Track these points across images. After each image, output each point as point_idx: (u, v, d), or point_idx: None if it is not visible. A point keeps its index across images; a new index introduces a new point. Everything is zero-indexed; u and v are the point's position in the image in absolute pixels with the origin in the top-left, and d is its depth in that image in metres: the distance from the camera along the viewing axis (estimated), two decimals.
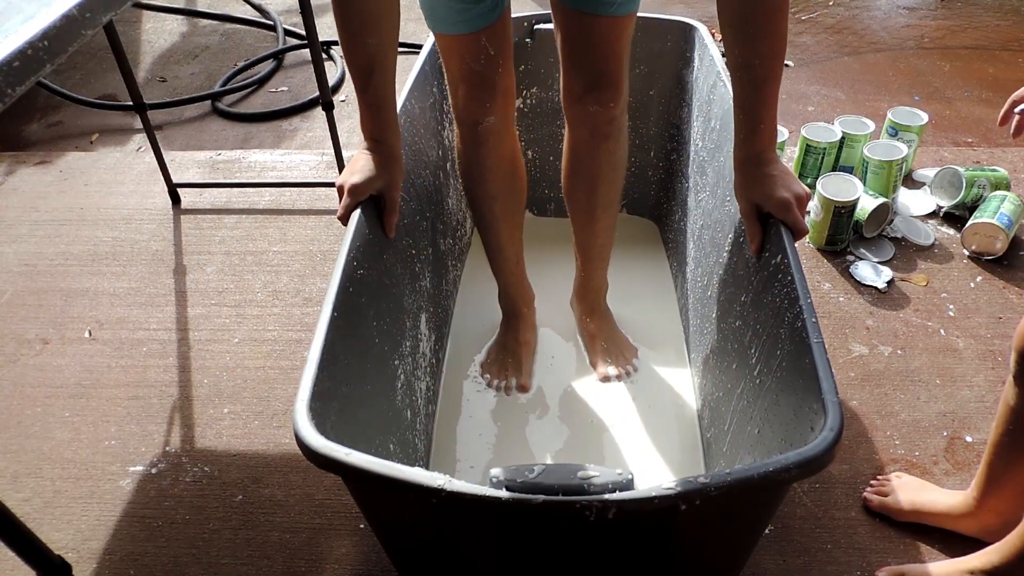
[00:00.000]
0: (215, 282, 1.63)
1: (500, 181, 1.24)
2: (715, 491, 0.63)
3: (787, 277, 0.88)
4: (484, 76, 1.13)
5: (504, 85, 1.16)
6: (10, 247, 1.76)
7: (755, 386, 0.96)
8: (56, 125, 2.29)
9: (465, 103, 1.16)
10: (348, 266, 0.93)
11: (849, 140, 1.74)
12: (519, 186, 1.29)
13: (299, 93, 2.38)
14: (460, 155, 1.24)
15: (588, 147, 1.20)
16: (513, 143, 1.24)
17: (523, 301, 1.41)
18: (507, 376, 1.35)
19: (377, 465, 0.66)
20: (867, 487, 1.16)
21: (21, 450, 1.30)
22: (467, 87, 1.14)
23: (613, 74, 1.13)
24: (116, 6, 0.85)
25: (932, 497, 1.11)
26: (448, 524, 0.75)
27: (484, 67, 1.11)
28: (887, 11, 2.73)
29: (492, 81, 1.14)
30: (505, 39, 1.13)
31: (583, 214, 1.29)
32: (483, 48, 1.09)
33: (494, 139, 1.19)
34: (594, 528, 0.65)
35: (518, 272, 1.37)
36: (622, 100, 1.16)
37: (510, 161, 1.25)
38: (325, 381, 0.79)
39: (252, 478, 1.23)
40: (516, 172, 1.27)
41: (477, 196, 1.27)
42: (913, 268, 1.57)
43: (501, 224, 1.29)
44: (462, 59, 1.11)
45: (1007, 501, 1.02)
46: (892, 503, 1.12)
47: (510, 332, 1.40)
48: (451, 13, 1.06)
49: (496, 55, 1.11)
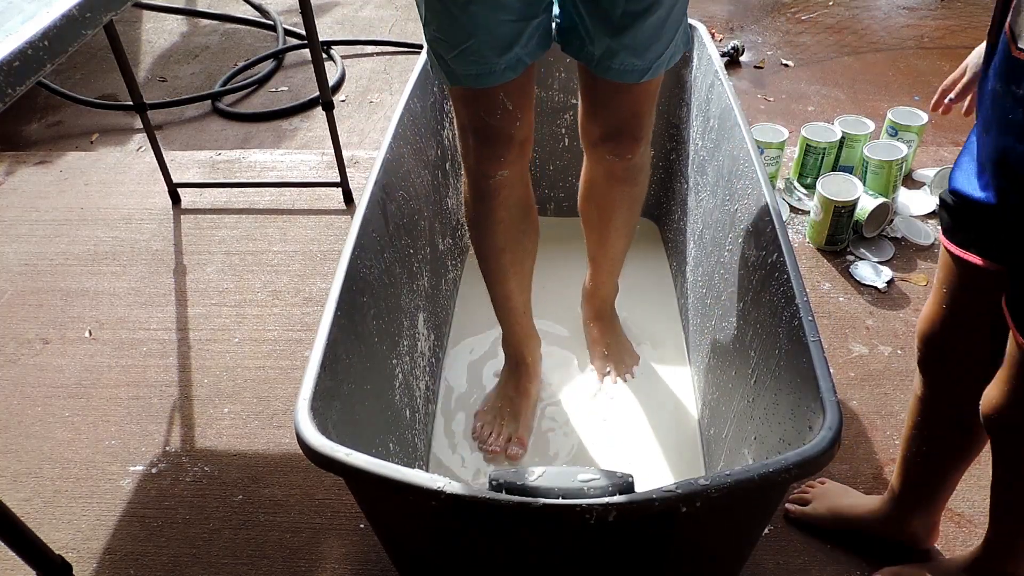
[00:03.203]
0: (215, 282, 1.63)
1: (510, 234, 1.12)
2: (715, 493, 0.64)
3: (783, 275, 0.88)
4: (499, 129, 0.99)
5: (522, 136, 1.02)
6: (10, 247, 1.76)
7: (754, 385, 0.96)
8: (56, 125, 2.29)
9: (476, 156, 1.04)
10: (352, 265, 0.93)
11: (849, 140, 1.74)
12: (531, 236, 1.17)
13: (299, 93, 2.37)
14: (467, 206, 1.12)
15: (604, 186, 1.14)
16: (526, 192, 1.12)
17: (528, 350, 1.28)
18: (502, 427, 1.24)
19: (378, 466, 0.66)
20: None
21: (21, 450, 1.30)
22: (479, 140, 1.01)
23: (635, 130, 1.05)
24: (116, 6, 0.85)
25: (852, 502, 1.09)
26: (448, 525, 0.75)
27: (500, 120, 0.98)
28: (887, 11, 2.73)
29: (508, 134, 1.00)
30: (527, 92, 1.00)
31: (596, 234, 1.25)
32: (500, 103, 0.96)
33: (506, 191, 1.06)
34: (594, 531, 0.65)
35: (524, 322, 1.26)
36: (642, 149, 1.08)
37: (523, 211, 1.12)
38: (327, 380, 0.79)
39: (252, 478, 1.23)
40: (529, 222, 1.15)
41: (484, 249, 1.15)
42: (913, 268, 1.57)
43: (510, 277, 1.17)
44: (474, 111, 0.99)
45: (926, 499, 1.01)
46: (811, 511, 1.11)
47: (511, 382, 1.29)
48: (463, 65, 0.92)
49: (515, 108, 0.98)
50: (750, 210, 1.04)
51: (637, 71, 0.94)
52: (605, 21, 0.90)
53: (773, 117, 2.12)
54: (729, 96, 1.21)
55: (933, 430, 0.93)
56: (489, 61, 0.91)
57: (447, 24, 0.89)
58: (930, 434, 0.93)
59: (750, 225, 1.04)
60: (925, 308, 0.85)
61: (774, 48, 2.51)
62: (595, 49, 0.94)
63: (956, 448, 0.93)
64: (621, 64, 0.94)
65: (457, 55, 0.91)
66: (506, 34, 0.90)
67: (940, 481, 0.98)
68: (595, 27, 0.92)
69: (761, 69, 2.39)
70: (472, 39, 0.89)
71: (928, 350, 0.86)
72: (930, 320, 0.84)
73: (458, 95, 0.98)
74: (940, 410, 0.90)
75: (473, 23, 0.88)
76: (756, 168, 1.05)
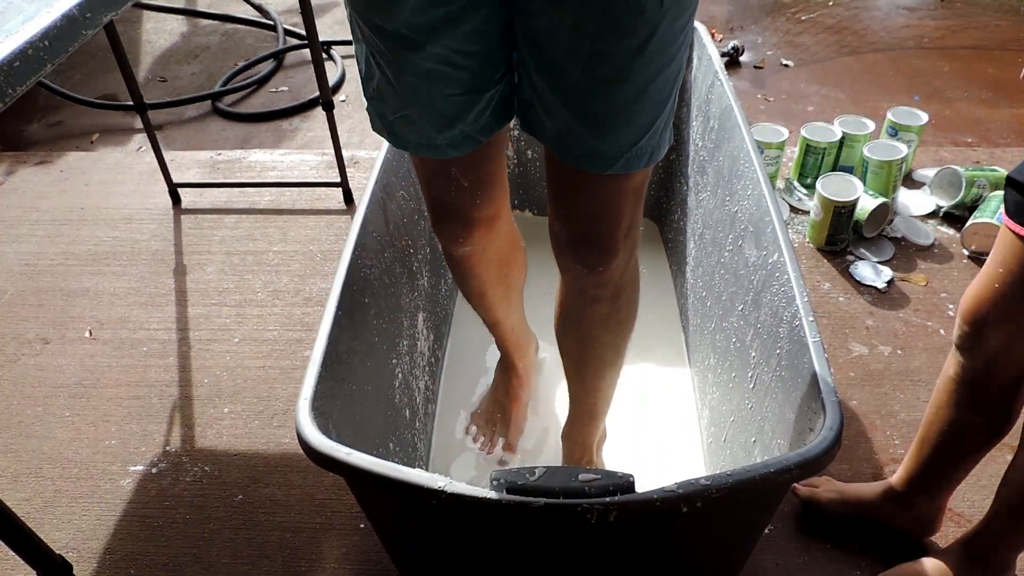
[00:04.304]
0: (215, 282, 1.63)
1: (492, 279, 1.03)
2: (716, 493, 0.64)
3: (784, 276, 0.89)
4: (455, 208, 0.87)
5: (487, 216, 0.89)
6: (10, 247, 1.76)
7: (755, 385, 0.96)
8: (56, 125, 2.29)
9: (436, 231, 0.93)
10: (352, 264, 0.93)
11: (849, 140, 1.74)
12: (516, 272, 1.07)
13: (299, 93, 2.37)
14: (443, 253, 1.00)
15: (578, 306, 0.93)
16: (506, 241, 1.00)
17: (519, 355, 1.21)
18: (494, 432, 1.24)
19: (379, 466, 0.66)
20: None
21: (22, 450, 1.30)
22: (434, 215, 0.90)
23: (605, 237, 0.82)
24: (116, 6, 0.85)
25: (859, 485, 1.12)
26: (449, 525, 0.75)
27: (455, 198, 0.85)
28: (887, 11, 2.73)
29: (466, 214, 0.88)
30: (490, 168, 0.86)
31: (572, 365, 1.04)
32: (452, 178, 0.83)
33: (478, 255, 0.96)
34: (595, 530, 0.65)
35: (516, 334, 1.19)
36: (616, 264, 0.85)
37: (504, 260, 1.02)
38: (328, 380, 0.79)
39: (252, 478, 1.23)
40: (512, 265, 1.05)
41: (465, 291, 1.08)
42: (913, 268, 1.57)
43: (497, 308, 1.09)
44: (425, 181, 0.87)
45: (938, 484, 1.01)
46: (820, 492, 1.12)
47: (501, 387, 1.25)
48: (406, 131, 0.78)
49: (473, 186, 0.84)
50: (751, 210, 1.04)
51: (601, 159, 0.74)
52: (563, 88, 0.71)
53: (773, 117, 2.12)
54: (729, 96, 1.21)
55: (962, 413, 0.92)
56: (429, 135, 0.77)
57: (384, 86, 0.76)
58: (958, 416, 0.92)
59: (751, 225, 1.04)
60: (973, 287, 0.84)
61: (774, 48, 2.51)
62: (552, 124, 0.75)
63: (981, 432, 0.92)
64: (582, 148, 0.74)
65: (398, 119, 0.78)
66: (447, 110, 0.75)
67: (955, 466, 0.98)
68: (553, 96, 0.73)
69: (761, 69, 2.40)
70: (409, 109, 0.76)
71: (973, 328, 0.85)
72: (980, 299, 0.83)
73: (414, 160, 0.86)
74: (974, 392, 0.89)
75: (409, 93, 0.74)
76: (756, 168, 1.05)
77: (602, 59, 0.67)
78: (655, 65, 0.68)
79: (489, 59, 0.74)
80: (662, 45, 0.66)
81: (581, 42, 0.66)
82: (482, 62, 0.74)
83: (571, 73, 0.69)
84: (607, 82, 0.69)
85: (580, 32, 0.66)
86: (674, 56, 0.69)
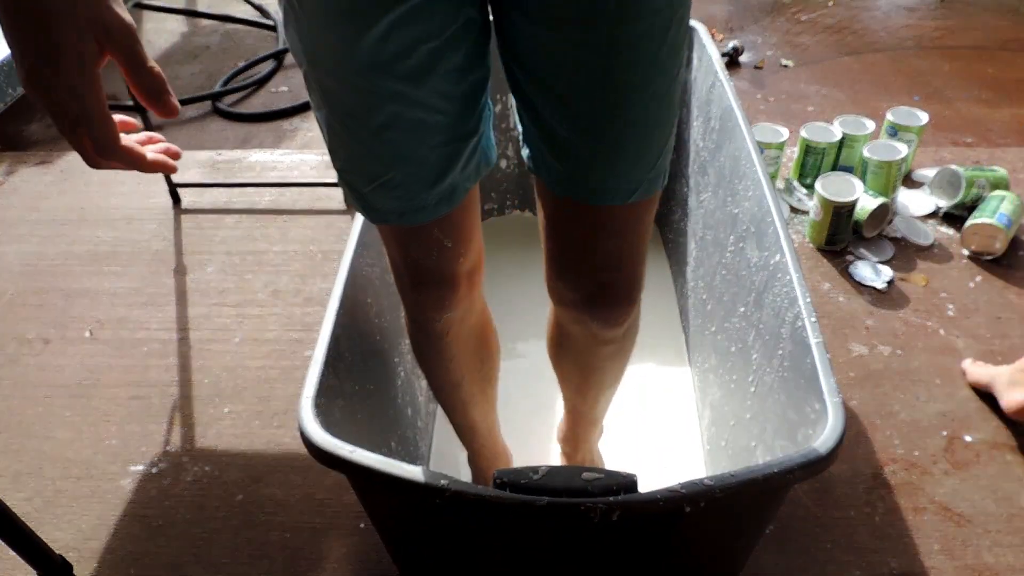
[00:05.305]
0: (215, 282, 1.63)
1: (467, 366, 0.94)
2: (720, 493, 0.64)
3: (786, 276, 0.89)
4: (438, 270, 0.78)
5: (468, 269, 0.81)
6: (10, 247, 1.76)
7: (756, 386, 0.96)
8: None
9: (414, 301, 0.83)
10: (354, 263, 0.93)
11: (849, 140, 1.74)
12: (491, 362, 1.00)
13: (299, 93, 2.37)
14: (410, 338, 0.91)
15: (583, 346, 0.87)
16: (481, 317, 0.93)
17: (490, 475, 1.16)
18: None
19: (382, 464, 0.66)
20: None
21: (22, 450, 1.30)
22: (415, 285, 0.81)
23: (625, 284, 0.76)
24: None
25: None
26: (451, 524, 0.75)
27: (437, 261, 0.77)
28: (887, 11, 2.73)
29: (450, 273, 0.79)
30: (470, 220, 0.78)
31: (573, 386, 0.99)
32: (436, 240, 0.75)
33: (457, 327, 0.86)
34: (598, 529, 0.65)
35: (491, 441, 1.11)
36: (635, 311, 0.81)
37: (479, 340, 0.94)
38: (330, 378, 0.79)
39: (252, 478, 1.23)
40: (487, 348, 0.97)
41: (436, 383, 0.97)
42: (913, 268, 1.57)
43: (471, 408, 1.01)
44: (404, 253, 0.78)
45: None
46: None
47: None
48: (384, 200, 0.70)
49: (456, 244, 0.77)
50: (752, 211, 1.04)
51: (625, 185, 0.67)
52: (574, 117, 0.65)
53: (773, 117, 2.13)
54: (730, 97, 1.21)
55: None
56: (416, 196, 0.70)
57: (359, 154, 0.69)
58: None
59: (752, 226, 1.04)
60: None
61: (774, 48, 2.51)
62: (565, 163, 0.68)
63: None
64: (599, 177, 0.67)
65: (375, 188, 0.70)
66: (436, 161, 0.68)
67: None
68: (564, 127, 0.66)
69: (761, 69, 2.40)
70: (392, 171, 0.68)
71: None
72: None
73: (384, 231, 0.78)
74: None
75: (392, 153, 0.67)
76: (758, 169, 1.05)
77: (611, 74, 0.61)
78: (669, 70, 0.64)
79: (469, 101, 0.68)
80: (673, 49, 0.63)
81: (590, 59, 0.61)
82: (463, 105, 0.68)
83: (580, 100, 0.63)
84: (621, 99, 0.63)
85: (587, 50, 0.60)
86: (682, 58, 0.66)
